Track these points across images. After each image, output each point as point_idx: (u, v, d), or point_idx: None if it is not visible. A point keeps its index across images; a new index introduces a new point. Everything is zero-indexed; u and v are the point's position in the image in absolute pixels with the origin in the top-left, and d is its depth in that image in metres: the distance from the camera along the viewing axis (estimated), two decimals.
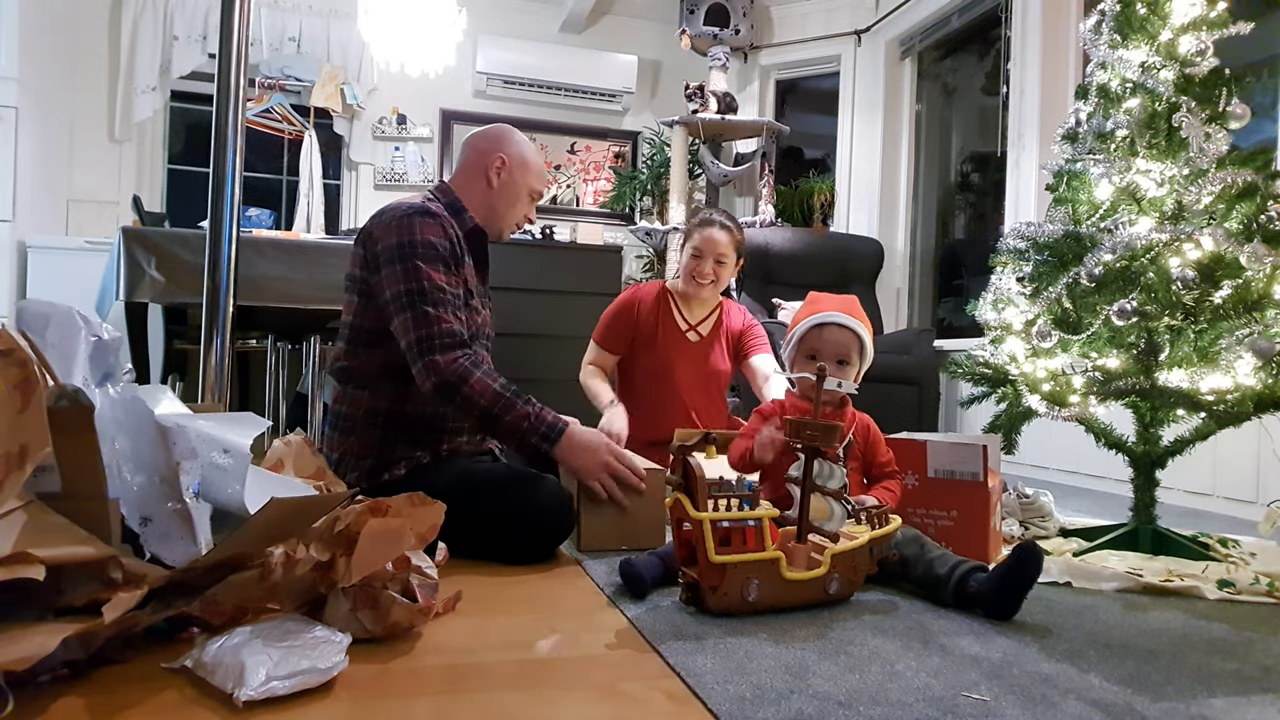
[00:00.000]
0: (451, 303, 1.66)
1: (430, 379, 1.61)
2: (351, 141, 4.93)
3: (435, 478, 1.60)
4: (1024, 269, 1.93)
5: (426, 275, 1.64)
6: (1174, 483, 2.57)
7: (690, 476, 1.30)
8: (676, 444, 1.34)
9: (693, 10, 4.90)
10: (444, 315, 1.63)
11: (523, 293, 3.68)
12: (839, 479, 1.40)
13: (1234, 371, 1.64)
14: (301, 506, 1.08)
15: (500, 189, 1.85)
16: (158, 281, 2.47)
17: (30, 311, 1.10)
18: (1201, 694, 1.05)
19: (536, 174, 1.89)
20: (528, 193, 1.88)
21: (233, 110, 1.86)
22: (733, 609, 1.28)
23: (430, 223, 1.69)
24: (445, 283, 1.67)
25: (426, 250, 1.66)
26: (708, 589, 1.28)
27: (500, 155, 1.84)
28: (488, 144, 1.86)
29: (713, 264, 2.39)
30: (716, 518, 1.28)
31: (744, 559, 1.28)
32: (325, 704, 0.92)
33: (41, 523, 0.90)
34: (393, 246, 1.66)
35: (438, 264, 1.67)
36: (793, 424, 1.42)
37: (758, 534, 1.31)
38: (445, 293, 1.66)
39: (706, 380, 2.49)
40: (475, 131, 1.92)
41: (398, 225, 1.68)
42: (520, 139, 1.90)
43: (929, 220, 4.84)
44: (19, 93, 3.71)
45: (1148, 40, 1.86)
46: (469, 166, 1.86)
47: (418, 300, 1.63)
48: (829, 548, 1.36)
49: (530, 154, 1.89)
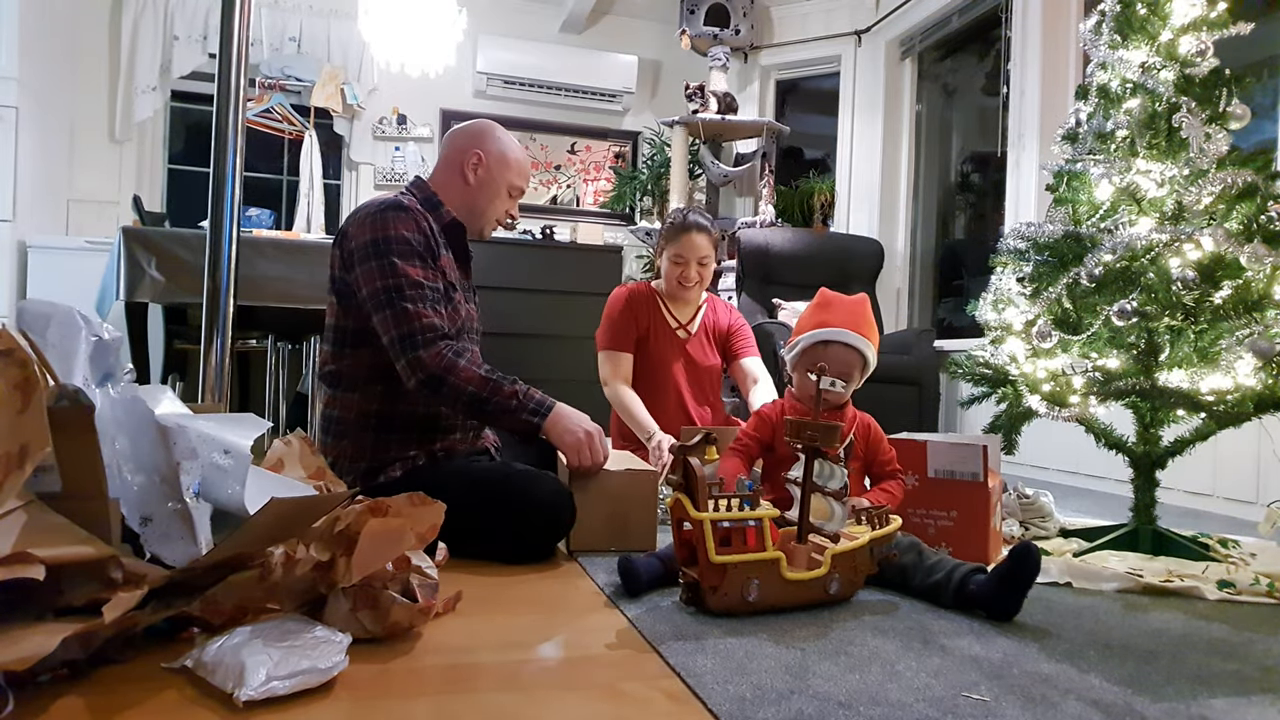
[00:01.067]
0: (430, 297, 1.65)
1: (415, 375, 1.61)
2: (352, 141, 4.93)
3: (432, 478, 1.59)
4: (1024, 269, 1.93)
5: (403, 271, 1.63)
6: (1174, 483, 2.57)
7: (691, 477, 1.30)
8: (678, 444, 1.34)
9: (693, 10, 4.90)
10: (423, 310, 1.62)
11: (523, 293, 3.67)
12: (840, 479, 1.40)
13: (1234, 372, 1.64)
14: (301, 506, 1.08)
15: (478, 186, 1.82)
16: (158, 281, 2.47)
17: (31, 311, 1.10)
18: (1202, 694, 1.05)
19: (517, 170, 1.85)
20: (507, 189, 1.85)
21: (233, 110, 1.86)
22: (733, 609, 1.28)
23: (403, 217, 1.67)
24: (422, 277, 1.65)
25: (400, 245, 1.65)
26: (708, 589, 1.28)
27: (477, 152, 1.81)
28: (466, 140, 1.83)
29: (696, 267, 2.41)
30: (717, 518, 1.28)
31: (744, 559, 1.28)
32: (325, 704, 0.92)
33: (42, 522, 0.90)
34: (367, 243, 1.65)
35: (413, 259, 1.65)
36: (793, 424, 1.42)
37: (758, 534, 1.31)
38: (423, 287, 1.65)
39: (700, 377, 2.51)
40: (457, 127, 1.89)
41: (370, 222, 1.67)
42: (500, 135, 1.86)
43: (929, 220, 4.84)
44: (19, 93, 3.71)
45: (1148, 40, 1.86)
46: (447, 163, 1.83)
47: (395, 297, 1.62)
48: (829, 548, 1.37)
49: (511, 150, 1.85)
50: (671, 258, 2.42)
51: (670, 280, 2.45)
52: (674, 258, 2.42)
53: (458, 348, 1.64)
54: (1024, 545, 1.33)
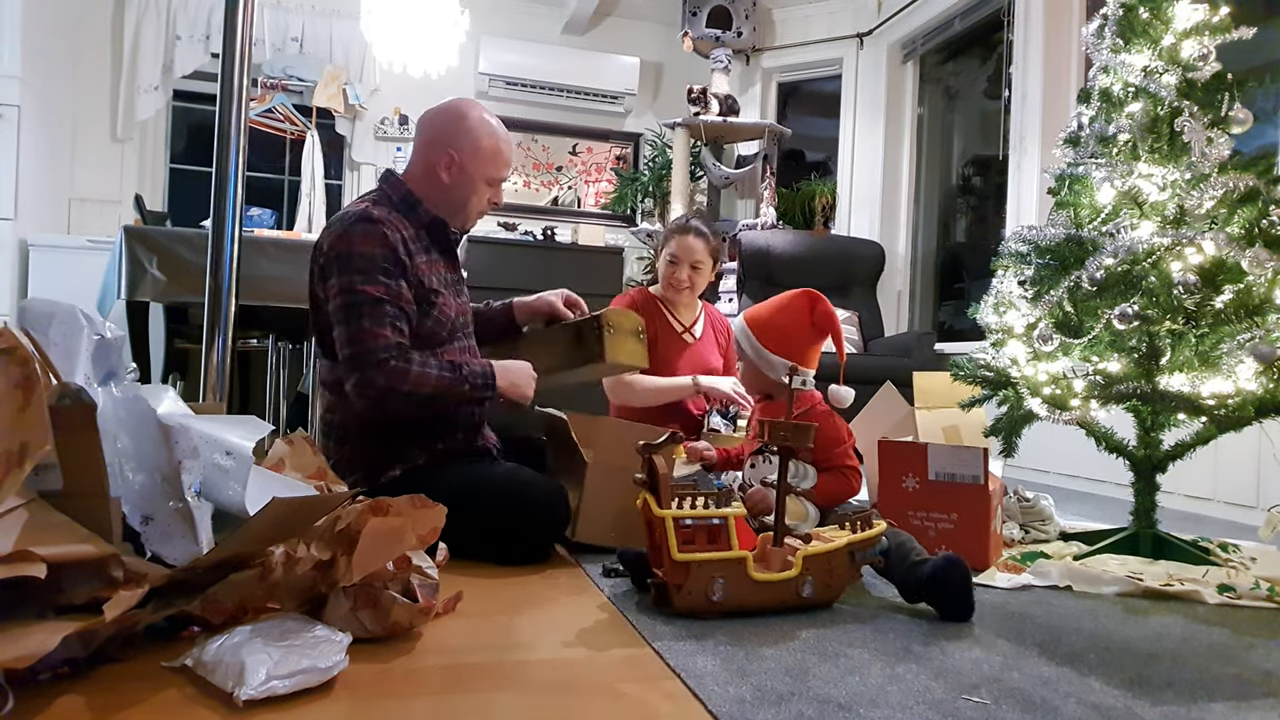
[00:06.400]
0: (390, 314, 1.62)
1: (365, 395, 1.60)
2: (353, 142, 4.93)
3: (431, 479, 1.59)
4: (1025, 272, 1.93)
5: (360, 289, 1.61)
6: (1174, 487, 2.57)
7: (654, 475, 1.29)
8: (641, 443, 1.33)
9: (695, 12, 4.90)
10: (380, 330, 1.60)
11: (523, 293, 3.66)
12: (811, 479, 1.40)
13: (1235, 376, 1.64)
14: (302, 506, 1.08)
15: (453, 184, 1.77)
16: (159, 280, 2.47)
17: (33, 310, 1.10)
18: (1202, 698, 1.05)
19: (492, 160, 1.77)
20: (484, 181, 1.79)
21: (235, 110, 1.86)
22: (697, 609, 1.28)
23: (369, 230, 1.64)
24: (383, 294, 1.62)
25: (362, 262, 1.62)
26: (673, 588, 1.27)
27: (450, 151, 1.74)
28: (438, 135, 1.76)
29: (688, 270, 2.41)
30: (680, 515, 1.28)
31: (708, 557, 1.27)
32: (325, 703, 0.92)
33: (43, 521, 0.90)
34: (333, 260, 1.65)
35: (375, 274, 1.63)
36: (764, 426, 1.41)
37: (724, 533, 1.30)
38: (383, 304, 1.62)
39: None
40: (429, 112, 1.82)
41: (337, 237, 1.66)
42: (472, 125, 1.76)
43: (930, 223, 4.84)
44: (21, 91, 3.71)
45: (1150, 44, 1.86)
46: (421, 159, 1.79)
47: (351, 314, 1.61)
48: (800, 549, 1.35)
49: (483, 140, 1.76)
50: (667, 257, 2.44)
51: (664, 280, 2.46)
52: (669, 257, 2.43)
53: (405, 354, 1.62)
54: (938, 563, 1.34)
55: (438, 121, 1.79)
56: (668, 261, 2.44)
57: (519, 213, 4.97)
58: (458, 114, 1.79)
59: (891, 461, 1.78)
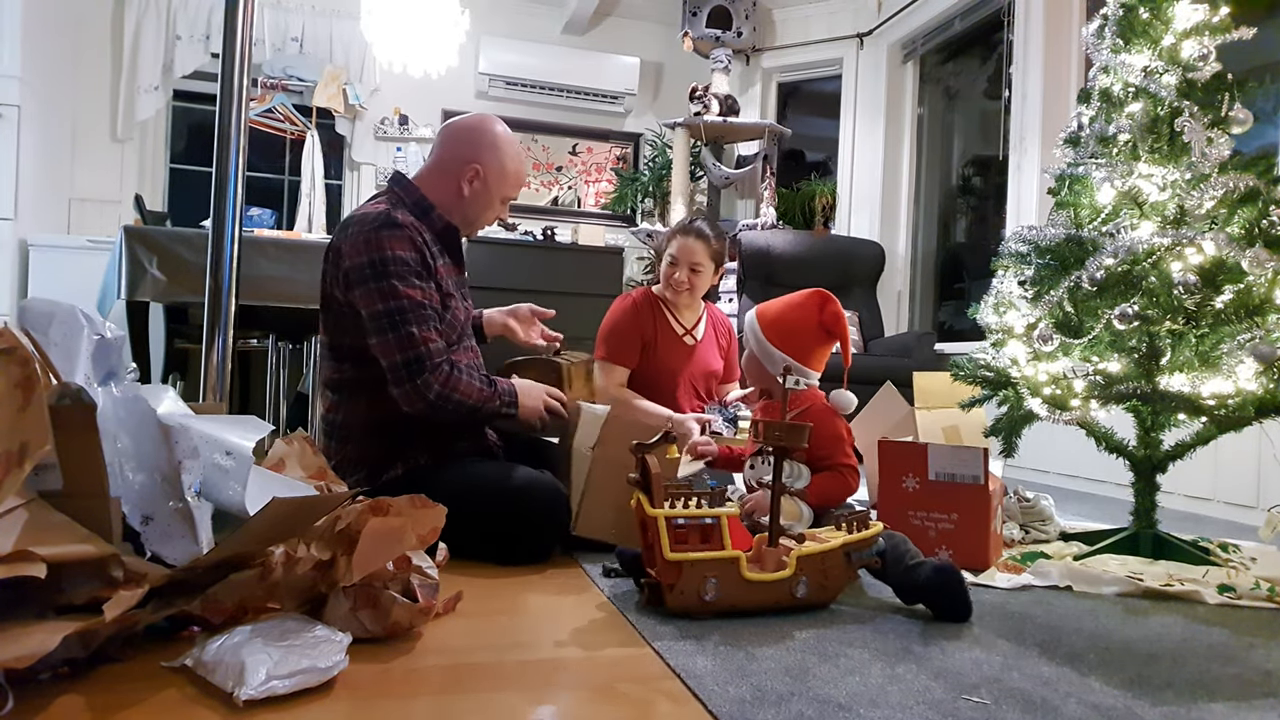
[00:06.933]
0: (430, 318, 1.64)
1: (422, 398, 1.61)
2: (353, 142, 4.93)
3: (432, 479, 1.59)
4: (1025, 272, 1.93)
5: (404, 294, 1.61)
6: (1174, 487, 2.57)
7: (647, 474, 1.29)
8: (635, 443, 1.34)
9: (695, 13, 4.90)
10: (428, 334, 1.62)
11: (524, 294, 3.63)
12: (806, 479, 1.40)
13: (1235, 376, 1.64)
14: (302, 506, 1.08)
15: (472, 197, 1.78)
16: (159, 280, 2.47)
17: (33, 310, 1.10)
18: (1202, 698, 1.05)
19: (514, 182, 1.82)
20: (500, 199, 1.82)
21: (235, 110, 1.86)
22: (690, 609, 1.28)
23: (398, 235, 1.64)
24: (423, 298, 1.64)
25: (399, 266, 1.62)
26: (665, 587, 1.28)
27: (475, 166, 1.76)
28: (464, 149, 1.77)
29: (687, 272, 2.40)
30: (672, 514, 1.28)
31: (700, 557, 1.27)
32: (325, 703, 0.92)
33: (43, 521, 0.90)
34: (364, 265, 1.63)
35: (412, 279, 1.63)
36: (759, 426, 1.41)
37: (718, 533, 1.30)
38: (425, 308, 1.63)
39: (706, 381, 2.52)
40: (455, 123, 1.83)
41: (365, 242, 1.63)
42: (500, 142, 1.79)
43: (930, 223, 4.84)
44: (21, 91, 3.72)
45: (1150, 45, 1.86)
46: (441, 167, 1.79)
47: (399, 320, 1.61)
48: (794, 549, 1.35)
49: (510, 161, 1.79)
50: (667, 258, 2.44)
51: (664, 281, 2.46)
52: (669, 258, 2.44)
53: (456, 363, 1.66)
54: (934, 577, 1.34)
55: (465, 135, 1.80)
56: (668, 262, 2.44)
57: (519, 213, 4.97)
58: (484, 130, 1.81)
59: (891, 461, 1.78)
